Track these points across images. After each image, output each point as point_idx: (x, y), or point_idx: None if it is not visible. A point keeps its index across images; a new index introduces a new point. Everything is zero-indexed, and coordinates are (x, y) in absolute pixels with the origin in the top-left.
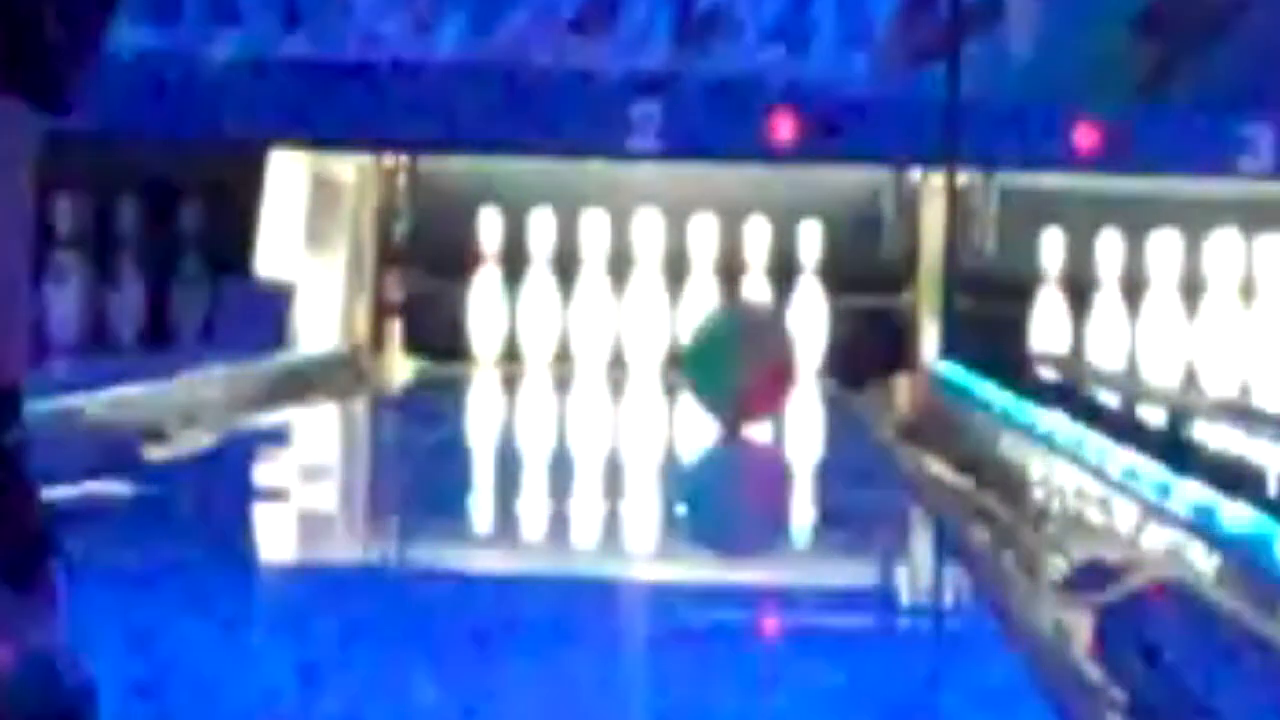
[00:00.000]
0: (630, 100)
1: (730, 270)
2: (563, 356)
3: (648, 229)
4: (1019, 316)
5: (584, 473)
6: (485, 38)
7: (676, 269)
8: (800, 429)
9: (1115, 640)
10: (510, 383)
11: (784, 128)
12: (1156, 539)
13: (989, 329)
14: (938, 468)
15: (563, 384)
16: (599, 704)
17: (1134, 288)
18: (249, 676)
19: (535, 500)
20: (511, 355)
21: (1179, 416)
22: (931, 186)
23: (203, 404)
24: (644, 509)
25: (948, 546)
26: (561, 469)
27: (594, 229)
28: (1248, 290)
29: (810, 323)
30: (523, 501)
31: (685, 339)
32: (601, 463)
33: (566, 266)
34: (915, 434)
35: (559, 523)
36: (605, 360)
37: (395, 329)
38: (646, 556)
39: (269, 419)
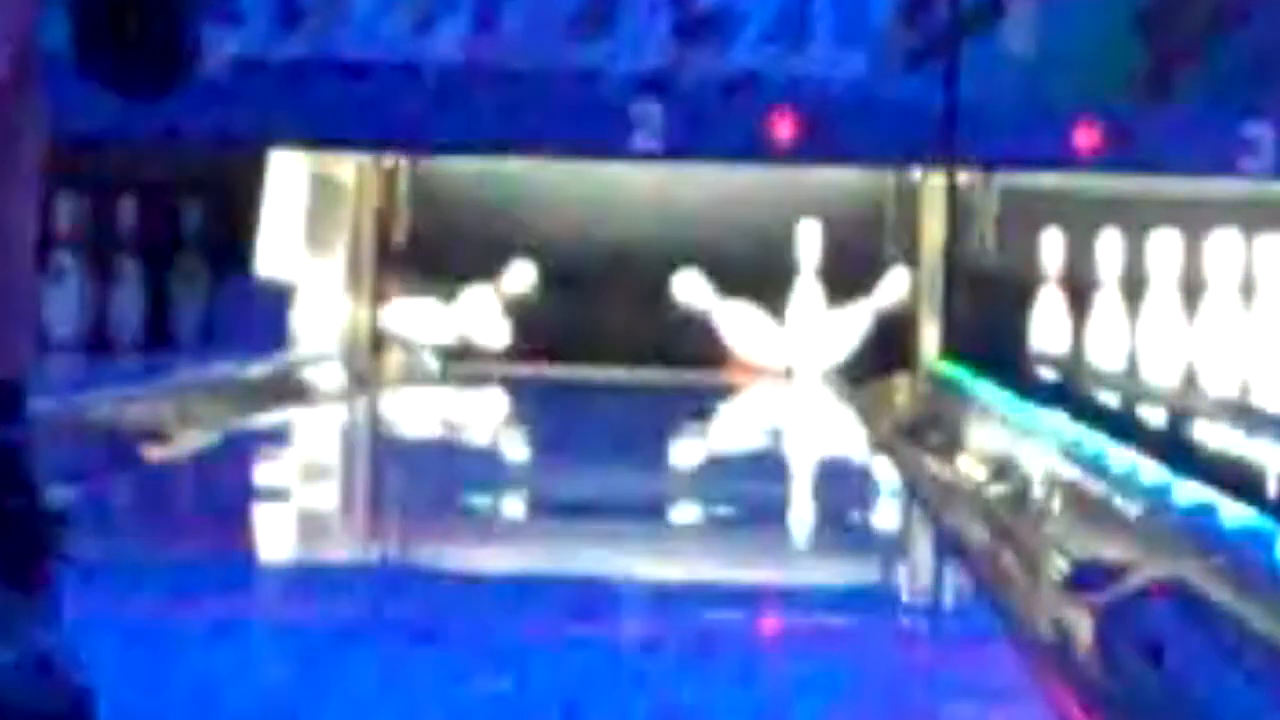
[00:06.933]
0: (630, 100)
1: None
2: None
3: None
4: (1019, 316)
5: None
6: (485, 37)
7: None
8: (800, 429)
9: (1115, 640)
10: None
11: (784, 128)
12: (1156, 539)
13: (989, 329)
14: (938, 468)
15: (563, 383)
16: (599, 702)
17: (1134, 288)
18: (247, 675)
19: (534, 499)
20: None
21: (1179, 416)
22: (931, 186)
23: (203, 404)
24: (642, 509)
25: (948, 546)
26: (560, 468)
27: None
28: (1248, 290)
29: (810, 323)
30: (522, 500)
31: None
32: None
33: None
34: (915, 434)
35: (558, 521)
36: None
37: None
38: (646, 556)
39: (269, 419)
